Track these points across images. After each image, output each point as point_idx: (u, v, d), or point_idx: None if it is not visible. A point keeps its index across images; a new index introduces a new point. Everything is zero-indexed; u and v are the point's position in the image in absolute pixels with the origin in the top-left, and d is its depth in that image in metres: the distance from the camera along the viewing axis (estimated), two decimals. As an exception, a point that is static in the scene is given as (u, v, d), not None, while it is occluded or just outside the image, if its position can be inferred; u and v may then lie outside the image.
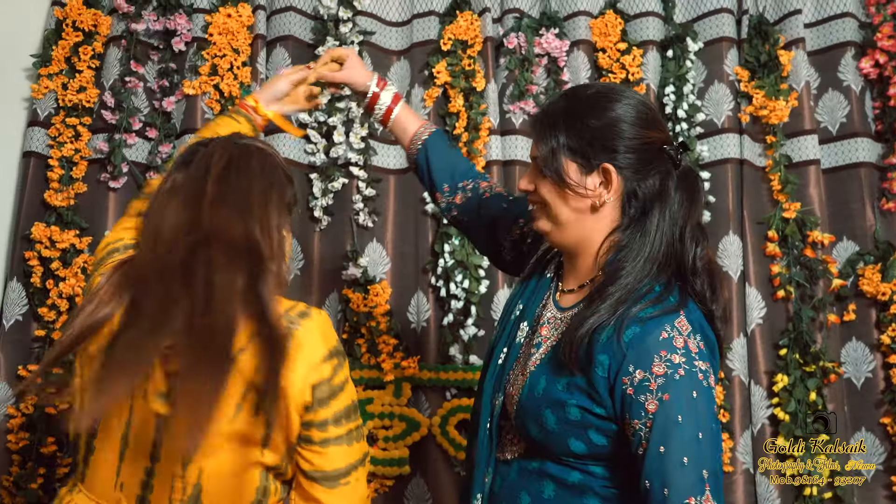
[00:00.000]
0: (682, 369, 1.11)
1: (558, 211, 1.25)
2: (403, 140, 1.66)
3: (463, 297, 2.27)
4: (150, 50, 2.42)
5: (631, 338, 1.13)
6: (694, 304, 1.19)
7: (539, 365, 1.23)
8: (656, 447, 1.08)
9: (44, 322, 2.24)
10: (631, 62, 2.39)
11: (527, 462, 1.25)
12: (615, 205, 1.23)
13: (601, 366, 1.14)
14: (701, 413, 1.10)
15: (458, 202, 1.59)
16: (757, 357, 2.29)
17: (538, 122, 1.28)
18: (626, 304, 1.15)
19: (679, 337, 1.13)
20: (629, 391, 1.11)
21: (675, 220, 1.20)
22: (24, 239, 2.27)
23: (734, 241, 2.32)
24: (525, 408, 1.22)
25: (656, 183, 1.22)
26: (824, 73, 2.45)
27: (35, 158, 2.32)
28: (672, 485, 1.07)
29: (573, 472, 1.19)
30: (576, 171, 1.22)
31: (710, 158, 2.37)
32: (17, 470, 2.15)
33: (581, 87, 1.39)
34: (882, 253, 2.31)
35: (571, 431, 1.17)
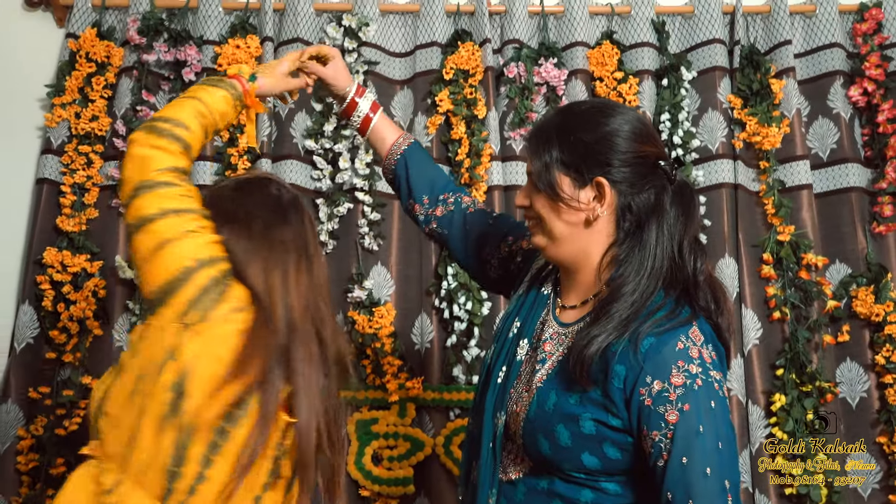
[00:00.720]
0: (699, 379, 1.10)
1: (552, 225, 1.24)
2: (381, 149, 1.62)
3: (466, 319, 2.28)
4: (161, 80, 2.45)
5: (647, 349, 1.11)
6: (703, 317, 1.18)
7: (546, 380, 1.20)
8: (678, 458, 1.07)
9: (55, 345, 2.24)
10: (627, 90, 2.43)
11: (535, 481, 1.21)
12: (609, 219, 1.22)
13: (617, 377, 1.12)
14: (719, 423, 1.09)
15: (439, 214, 1.56)
16: (754, 377, 2.30)
17: (533, 137, 1.28)
18: (636, 321, 1.14)
19: (694, 347, 1.12)
20: (647, 402, 1.10)
21: (673, 235, 1.19)
22: (36, 263, 2.29)
23: (730, 264, 2.35)
24: (534, 424, 1.19)
25: (651, 197, 1.20)
26: (814, 100, 2.49)
27: (48, 185, 2.35)
28: (696, 495, 1.05)
29: (584, 491, 1.17)
30: (569, 184, 1.21)
31: (706, 183, 2.40)
32: (27, 491, 2.15)
33: (576, 104, 1.37)
34: (874, 275, 2.34)
35: (585, 446, 1.14)
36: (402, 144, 1.59)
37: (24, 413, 2.21)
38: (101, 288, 2.29)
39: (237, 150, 2.37)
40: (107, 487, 1.09)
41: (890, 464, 2.24)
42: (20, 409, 2.21)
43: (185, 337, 1.09)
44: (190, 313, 1.10)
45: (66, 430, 2.18)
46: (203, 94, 1.29)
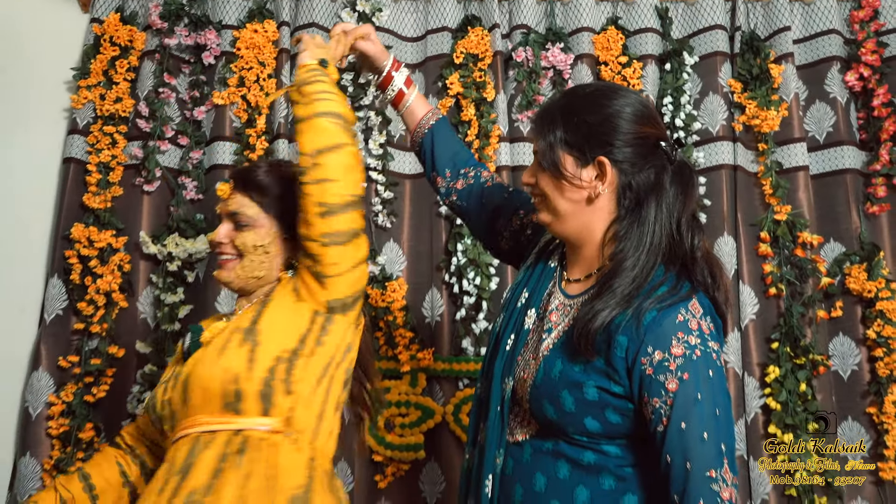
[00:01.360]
0: (698, 350, 1.14)
1: (556, 202, 1.28)
2: (410, 123, 1.67)
3: (475, 293, 2.35)
4: (182, 63, 2.52)
5: (649, 322, 1.16)
6: (702, 291, 1.23)
7: (553, 349, 1.25)
8: (677, 424, 1.11)
9: (82, 316, 2.31)
10: (631, 74, 2.49)
11: (540, 443, 1.26)
12: (610, 197, 1.26)
13: (620, 347, 1.17)
14: (716, 391, 1.14)
15: (459, 187, 1.61)
16: (750, 350, 2.37)
17: (538, 118, 1.32)
18: (639, 296, 1.18)
19: (693, 319, 1.16)
20: (648, 371, 1.14)
21: (672, 212, 1.23)
22: (64, 239, 2.36)
23: (728, 242, 2.41)
24: (541, 390, 1.23)
25: (651, 176, 1.24)
26: (812, 85, 2.55)
27: (75, 164, 2.41)
28: (694, 459, 1.10)
29: (587, 453, 1.21)
30: (572, 163, 1.26)
31: (706, 164, 2.47)
32: (58, 454, 2.22)
33: (580, 86, 1.42)
34: (867, 253, 2.40)
35: (588, 411, 1.19)
36: (430, 120, 1.65)
37: (55, 381, 2.28)
38: (126, 262, 2.36)
39: (255, 131, 2.44)
40: (309, 457, 1.31)
41: (879, 433, 2.31)
42: (50, 376, 2.29)
43: (356, 335, 1.43)
44: (360, 317, 1.44)
45: (94, 396, 2.26)
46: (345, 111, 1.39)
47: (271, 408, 1.30)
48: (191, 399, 1.32)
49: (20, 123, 2.48)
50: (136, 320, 2.37)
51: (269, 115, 2.47)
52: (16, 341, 2.36)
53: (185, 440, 1.30)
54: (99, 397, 2.27)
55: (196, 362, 1.35)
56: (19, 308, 2.39)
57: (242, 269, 1.43)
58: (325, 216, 1.30)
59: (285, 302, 1.38)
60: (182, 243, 2.35)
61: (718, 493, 1.09)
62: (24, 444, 2.25)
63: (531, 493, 1.24)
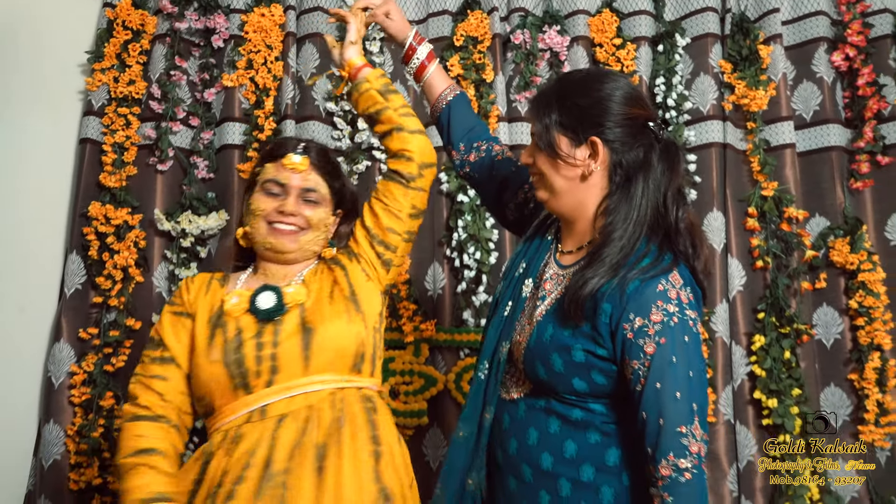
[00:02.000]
0: (675, 317, 1.23)
1: (553, 180, 1.37)
2: (430, 96, 1.75)
3: (475, 268, 2.44)
4: (192, 46, 2.59)
5: (632, 290, 1.25)
6: (683, 263, 1.32)
7: (546, 315, 1.35)
8: (653, 384, 1.21)
9: (101, 290, 2.41)
10: (625, 56, 2.57)
11: (534, 401, 1.36)
12: (603, 174, 1.34)
13: (604, 313, 1.26)
14: (691, 355, 1.23)
15: (472, 160, 1.70)
16: (738, 320, 2.46)
17: (535, 102, 1.41)
18: (625, 266, 1.27)
19: (673, 289, 1.25)
20: (629, 335, 1.23)
21: (659, 187, 1.32)
22: (82, 216, 2.44)
23: (718, 217, 2.49)
24: (534, 352, 1.33)
25: (640, 154, 1.33)
26: (800, 65, 2.61)
27: (90, 144, 2.49)
28: (667, 415, 1.19)
29: (575, 410, 1.31)
30: (567, 144, 1.34)
31: (697, 143, 2.54)
32: (80, 420, 2.33)
33: (573, 72, 1.50)
34: (850, 227, 2.47)
35: (576, 372, 1.29)
36: (448, 96, 1.72)
37: (76, 352, 2.38)
38: (141, 239, 2.45)
39: (263, 112, 2.52)
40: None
41: (860, 398, 2.41)
42: (71, 348, 2.38)
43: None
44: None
45: (113, 366, 2.36)
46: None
47: (374, 370, 1.53)
48: (317, 357, 1.44)
49: (37, 105, 2.55)
50: (151, 294, 2.46)
51: (276, 97, 2.55)
52: (37, 315, 2.46)
53: (304, 396, 1.42)
54: (118, 367, 2.37)
55: (318, 323, 1.46)
56: (39, 283, 2.48)
57: (307, 242, 1.54)
58: (413, 217, 1.58)
59: (361, 279, 1.55)
60: (195, 220, 2.44)
61: (687, 446, 1.18)
62: (48, 411, 2.35)
63: (525, 446, 1.34)
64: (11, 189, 2.51)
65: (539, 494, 1.32)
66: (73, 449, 2.32)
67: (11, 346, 2.42)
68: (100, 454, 2.31)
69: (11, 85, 2.54)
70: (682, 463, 1.17)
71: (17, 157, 2.52)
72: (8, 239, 2.48)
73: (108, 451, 2.32)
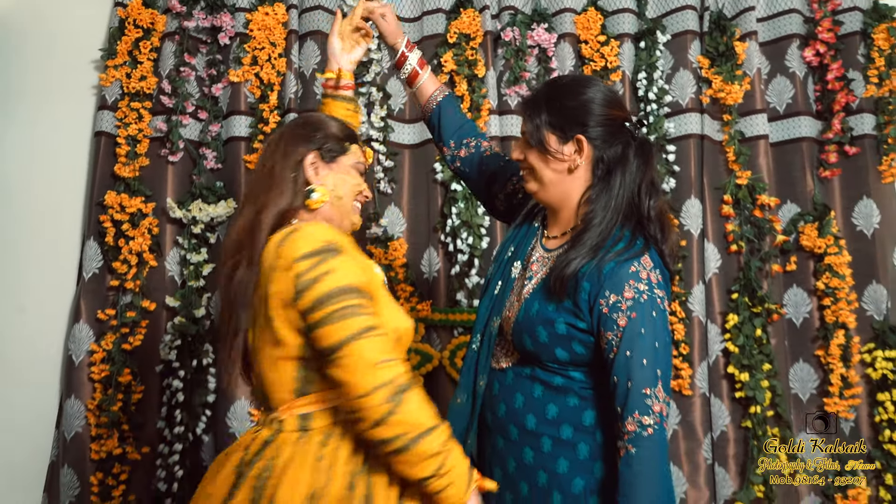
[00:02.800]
0: (645, 295, 1.40)
1: (542, 173, 1.53)
2: (421, 98, 1.88)
3: (467, 252, 2.59)
4: (200, 44, 2.72)
5: (608, 271, 1.41)
6: (653, 248, 1.48)
7: (532, 293, 1.52)
8: (624, 352, 1.37)
9: (117, 274, 2.55)
10: (609, 52, 2.71)
11: (520, 369, 1.53)
12: (586, 168, 1.51)
13: (584, 291, 1.42)
14: (658, 328, 1.40)
15: (462, 156, 1.84)
16: (713, 300, 2.62)
17: (526, 104, 1.56)
18: (603, 248, 1.43)
19: (644, 271, 1.42)
20: (605, 310, 1.40)
21: (634, 180, 1.49)
22: (98, 205, 2.57)
23: (695, 204, 2.64)
24: (522, 325, 1.50)
25: (619, 150, 1.50)
26: (773, 60, 2.75)
27: (105, 137, 2.62)
28: (634, 379, 1.36)
29: (556, 377, 1.48)
30: (555, 141, 1.51)
31: (676, 134, 2.69)
32: (100, 396, 2.48)
33: (560, 77, 1.68)
34: (819, 213, 2.63)
35: (559, 343, 1.45)
36: (438, 97, 1.86)
37: (94, 331, 2.53)
38: (154, 226, 2.59)
39: (268, 106, 2.66)
40: None
41: (825, 372, 2.58)
42: (90, 328, 2.53)
43: None
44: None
45: (130, 345, 2.51)
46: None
47: None
48: None
49: (53, 100, 2.70)
50: (164, 278, 2.61)
51: (280, 92, 2.68)
52: (56, 298, 2.61)
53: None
54: (135, 345, 2.52)
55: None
56: (58, 268, 2.63)
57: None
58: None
59: None
60: (205, 208, 2.58)
61: (651, 406, 1.35)
62: (69, 387, 2.50)
63: (512, 409, 1.52)
64: (30, 179, 2.66)
65: (524, 450, 1.49)
66: (93, 422, 2.47)
67: (33, 327, 2.58)
68: (119, 426, 2.46)
69: (29, 81, 2.69)
70: (646, 420, 1.34)
71: (36, 149, 2.67)
72: (28, 226, 2.63)
73: (126, 424, 2.47)
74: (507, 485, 1.52)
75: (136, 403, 2.51)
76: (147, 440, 2.49)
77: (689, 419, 2.56)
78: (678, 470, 2.53)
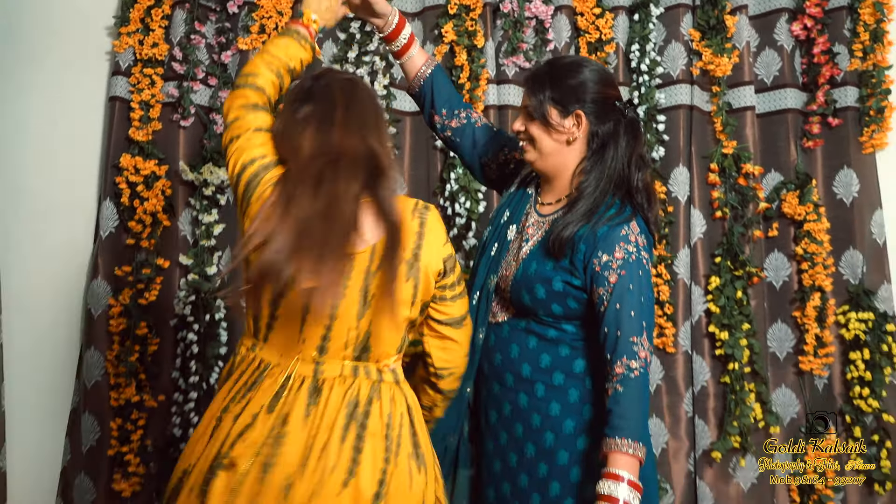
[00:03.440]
0: (633, 256, 1.57)
1: (543, 144, 1.68)
2: (411, 70, 1.92)
3: (465, 215, 2.72)
4: (209, 12, 2.80)
5: (601, 234, 1.58)
6: (640, 215, 1.65)
7: (530, 253, 1.68)
8: (614, 305, 1.54)
9: (133, 233, 2.67)
10: (604, 24, 2.80)
11: (516, 322, 1.69)
12: (583, 140, 1.68)
13: (580, 251, 1.59)
14: (643, 285, 1.57)
15: (454, 126, 1.92)
16: (698, 264, 2.75)
17: (530, 81, 1.72)
18: (596, 214, 1.60)
19: (632, 235, 1.59)
20: (597, 268, 1.57)
21: (624, 154, 1.66)
22: (114, 167, 2.69)
23: (683, 172, 2.77)
24: (520, 283, 1.66)
25: (611, 127, 1.67)
26: (763, 33, 2.84)
27: (119, 102, 2.73)
28: (623, 328, 1.52)
29: (550, 330, 1.65)
30: (556, 115, 1.66)
31: (666, 104, 2.80)
32: (118, 347, 2.62)
33: (560, 58, 1.84)
34: (801, 182, 2.75)
35: (555, 299, 1.62)
36: (429, 67, 1.93)
37: (112, 287, 2.67)
38: (167, 188, 2.71)
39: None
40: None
41: (801, 332, 2.73)
42: (108, 283, 2.67)
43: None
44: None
45: (146, 300, 2.65)
46: (269, 46, 1.66)
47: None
48: None
49: (68, 65, 2.80)
50: (177, 237, 2.74)
51: (287, 59, 2.79)
52: (74, 255, 2.76)
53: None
54: (150, 300, 2.66)
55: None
56: (76, 227, 2.77)
57: None
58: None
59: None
60: (215, 171, 2.71)
61: (637, 352, 1.51)
62: (89, 339, 2.65)
63: (508, 359, 1.68)
64: (48, 141, 2.78)
65: (519, 395, 1.67)
66: (112, 371, 2.63)
67: (54, 282, 2.73)
68: (136, 376, 2.62)
69: (46, 47, 2.79)
70: (633, 364, 1.51)
71: (55, 113, 2.79)
72: (46, 187, 2.76)
73: (143, 374, 2.63)
74: (503, 426, 1.69)
75: (151, 355, 2.66)
76: (162, 389, 2.65)
77: (672, 375, 2.72)
78: (660, 422, 2.70)
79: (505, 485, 1.68)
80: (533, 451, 1.64)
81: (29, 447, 2.67)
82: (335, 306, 1.42)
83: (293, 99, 1.54)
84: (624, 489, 1.44)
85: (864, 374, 2.65)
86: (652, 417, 2.68)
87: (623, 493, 1.44)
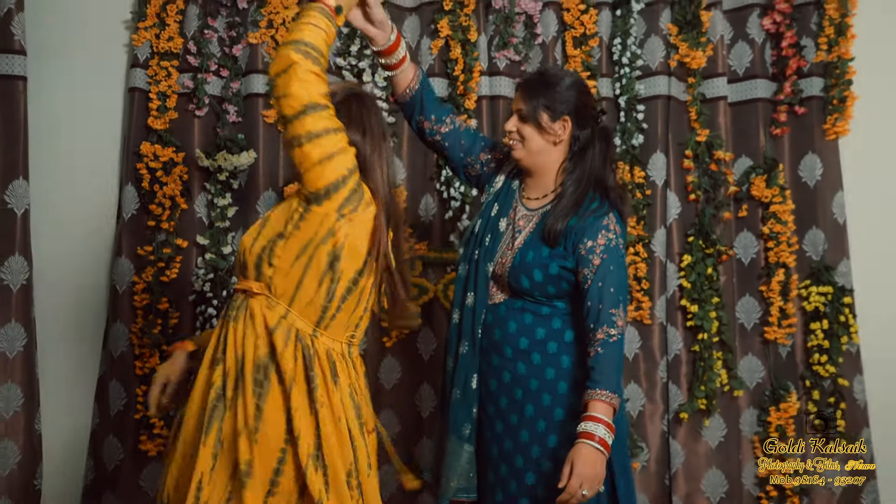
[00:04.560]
0: (613, 241, 1.87)
1: (533, 143, 1.96)
2: (402, 81, 2.08)
3: (459, 199, 2.94)
4: (221, 7, 2.96)
5: (587, 224, 1.88)
6: (615, 209, 1.93)
7: (525, 243, 1.96)
8: (597, 283, 1.85)
9: (153, 215, 2.87)
10: (588, 20, 2.99)
11: (512, 301, 1.98)
12: (566, 142, 1.96)
13: (571, 240, 1.88)
14: (620, 267, 1.88)
15: (443, 131, 2.12)
16: (673, 243, 2.99)
17: (525, 88, 1.98)
18: (581, 207, 1.90)
19: (612, 224, 1.90)
20: (583, 252, 1.87)
21: (600, 155, 1.95)
22: (134, 154, 2.88)
23: (660, 158, 2.99)
24: (518, 269, 1.94)
25: (589, 132, 1.96)
26: (736, 27, 3.05)
27: (138, 93, 2.91)
28: (604, 302, 1.83)
29: (543, 307, 1.94)
30: (547, 119, 1.94)
31: (645, 95, 3.01)
32: (142, 321, 2.85)
33: (549, 68, 2.21)
34: (769, 167, 2.98)
35: (550, 281, 1.91)
36: (418, 79, 2.12)
37: (134, 265, 2.87)
38: (184, 173, 2.91)
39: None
40: (281, 314, 1.63)
41: (767, 305, 2.98)
42: (131, 262, 2.88)
43: (345, 224, 1.61)
44: (345, 207, 1.60)
45: (167, 277, 2.86)
46: (323, 24, 1.62)
47: (249, 272, 1.67)
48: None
49: (90, 57, 2.99)
50: (194, 218, 2.95)
51: (293, 53, 2.98)
52: (100, 236, 2.98)
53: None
54: (171, 278, 2.88)
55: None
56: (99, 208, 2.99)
57: None
58: (285, 125, 1.56)
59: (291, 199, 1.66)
60: (229, 158, 2.91)
61: (615, 321, 1.82)
62: (114, 313, 2.88)
63: (506, 334, 1.97)
64: (72, 129, 2.98)
65: (517, 364, 1.96)
66: (136, 343, 2.87)
67: (80, 260, 2.96)
68: (159, 347, 2.85)
69: (69, 40, 2.97)
70: (612, 331, 1.82)
71: (77, 102, 2.98)
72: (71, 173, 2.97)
73: (165, 345, 2.87)
74: (503, 392, 1.98)
75: (172, 327, 2.88)
76: (184, 359, 2.88)
77: (648, 344, 2.97)
78: (637, 387, 2.96)
79: (507, 442, 1.97)
80: (532, 411, 1.94)
81: (61, 411, 2.90)
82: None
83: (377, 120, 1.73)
84: (601, 429, 1.77)
85: (823, 342, 2.91)
86: (630, 383, 2.94)
87: (601, 431, 1.76)
